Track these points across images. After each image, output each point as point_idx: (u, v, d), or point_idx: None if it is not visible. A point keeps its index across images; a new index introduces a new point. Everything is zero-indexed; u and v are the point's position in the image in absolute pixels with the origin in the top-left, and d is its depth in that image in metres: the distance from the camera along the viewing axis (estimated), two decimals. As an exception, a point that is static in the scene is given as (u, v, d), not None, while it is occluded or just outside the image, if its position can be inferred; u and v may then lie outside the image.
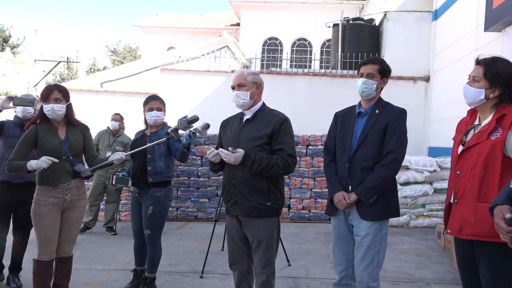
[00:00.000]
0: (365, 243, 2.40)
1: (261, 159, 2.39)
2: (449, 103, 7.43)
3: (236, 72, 2.63)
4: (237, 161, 2.37)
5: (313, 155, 6.57)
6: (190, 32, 18.25)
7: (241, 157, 2.37)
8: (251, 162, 2.37)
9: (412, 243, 5.25)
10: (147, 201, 3.28)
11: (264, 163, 2.38)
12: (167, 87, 9.42)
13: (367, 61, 2.55)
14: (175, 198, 6.49)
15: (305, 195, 6.51)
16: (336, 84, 8.98)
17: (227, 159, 2.38)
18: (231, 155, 2.37)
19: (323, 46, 16.87)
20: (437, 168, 6.18)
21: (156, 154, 3.30)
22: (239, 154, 2.37)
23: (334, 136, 2.61)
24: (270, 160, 2.40)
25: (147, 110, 3.38)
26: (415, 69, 8.83)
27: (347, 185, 2.47)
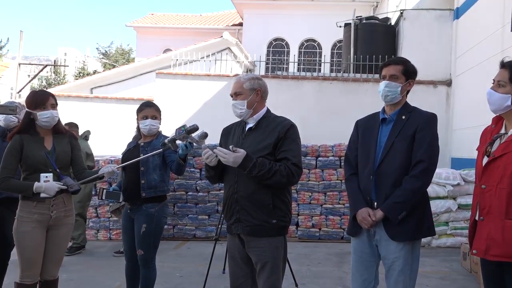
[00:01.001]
0: (397, 267, 2.37)
1: (263, 164, 2.38)
2: (473, 110, 7.42)
3: (234, 78, 2.66)
4: (236, 162, 2.36)
5: (324, 167, 6.56)
6: (188, 33, 18.43)
7: (242, 158, 2.35)
8: (252, 165, 2.36)
9: (435, 265, 5.20)
10: (140, 218, 3.28)
11: (266, 168, 2.37)
12: (163, 93, 9.49)
13: (389, 62, 2.57)
14: (171, 214, 6.49)
15: (314, 211, 6.49)
16: (348, 89, 9.01)
17: (226, 159, 2.37)
18: (230, 155, 2.36)
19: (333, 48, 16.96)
20: (461, 181, 6.15)
21: (150, 166, 3.31)
22: (240, 154, 2.36)
23: (355, 146, 2.61)
24: (273, 166, 2.39)
25: (141, 118, 3.40)
26: (435, 72, 8.85)
27: (372, 201, 2.45)
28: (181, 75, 9.62)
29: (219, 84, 9.39)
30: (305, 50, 17.14)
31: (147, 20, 19.64)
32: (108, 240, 6.52)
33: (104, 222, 6.55)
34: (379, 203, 2.42)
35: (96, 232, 6.66)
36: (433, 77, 8.84)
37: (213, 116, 8.59)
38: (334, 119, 8.60)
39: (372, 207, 2.45)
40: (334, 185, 6.49)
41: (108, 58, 30.15)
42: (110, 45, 31.90)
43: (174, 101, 9.30)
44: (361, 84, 8.99)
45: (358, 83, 9.02)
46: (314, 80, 9.22)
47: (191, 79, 9.56)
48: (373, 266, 2.49)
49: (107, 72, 15.10)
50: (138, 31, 19.29)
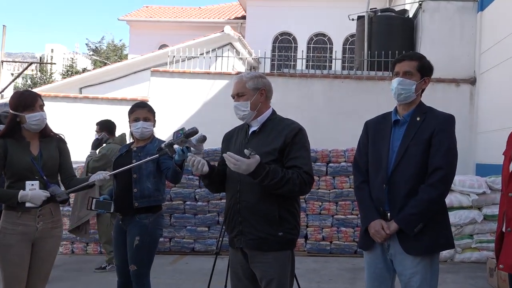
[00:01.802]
0: (414, 283, 2.37)
1: (276, 172, 2.37)
2: (500, 110, 7.39)
3: (235, 78, 2.65)
4: (249, 169, 2.33)
5: (335, 174, 6.56)
6: (186, 27, 18.53)
7: (255, 165, 2.33)
8: (265, 173, 2.34)
9: (458, 283, 5.17)
10: (133, 230, 3.28)
11: (279, 177, 2.36)
12: (159, 93, 9.53)
13: (404, 57, 2.57)
14: (168, 226, 6.50)
15: (325, 222, 6.48)
16: (362, 88, 9.01)
17: (237, 167, 2.33)
18: (243, 162, 2.32)
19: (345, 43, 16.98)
20: (487, 189, 6.12)
21: (143, 173, 3.32)
22: (254, 161, 2.33)
23: (365, 150, 2.61)
24: (285, 174, 2.39)
25: (133, 121, 3.42)
26: (457, 69, 8.83)
27: (385, 212, 2.45)
28: (178, 73, 9.66)
29: (220, 83, 9.42)
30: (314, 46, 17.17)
31: (141, 13, 19.77)
32: (99, 254, 6.54)
33: (94, 234, 6.57)
34: (393, 214, 2.42)
35: (86, 245, 6.67)
36: (455, 74, 8.82)
37: (213, 118, 8.60)
38: (346, 121, 8.59)
39: (386, 218, 2.44)
40: (347, 193, 6.48)
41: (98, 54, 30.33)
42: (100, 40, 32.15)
43: (171, 102, 9.34)
44: (376, 83, 8.99)
45: (373, 82, 9.02)
46: (324, 78, 9.22)
47: (189, 77, 9.60)
48: (388, 282, 2.49)
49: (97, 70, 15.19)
50: (131, 25, 19.41)
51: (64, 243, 6.57)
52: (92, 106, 9.96)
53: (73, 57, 31.92)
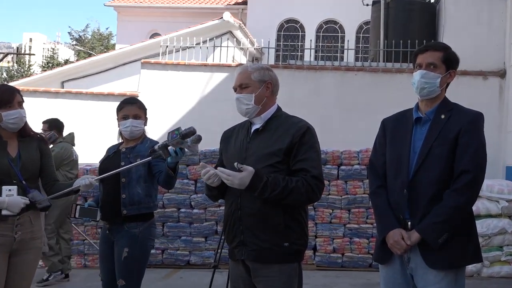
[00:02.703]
0: None
1: (276, 182, 2.38)
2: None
3: (239, 68, 2.66)
4: (243, 183, 2.35)
5: (347, 178, 6.55)
6: (181, 13, 18.55)
7: (250, 178, 2.35)
8: (262, 186, 2.35)
9: (485, 300, 5.16)
10: (121, 240, 3.29)
11: (280, 187, 2.37)
12: (150, 87, 9.54)
13: (427, 47, 2.57)
14: (160, 236, 6.51)
15: (336, 232, 6.48)
16: (377, 82, 9.00)
17: (230, 182, 2.38)
18: (235, 176, 2.36)
19: (359, 31, 16.98)
20: (518, 195, 6.11)
21: (133, 177, 3.33)
22: (247, 174, 2.36)
23: (382, 151, 2.62)
24: (288, 183, 2.39)
25: (121, 118, 3.43)
26: (485, 61, 8.81)
27: (406, 220, 2.46)
28: (172, 65, 9.67)
29: (218, 76, 9.43)
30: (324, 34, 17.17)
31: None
32: (83, 267, 6.55)
33: (78, 245, 6.59)
34: (414, 223, 2.43)
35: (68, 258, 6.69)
36: (482, 67, 8.80)
37: (211, 115, 8.62)
38: (360, 119, 8.59)
39: (406, 227, 2.44)
40: (361, 200, 6.48)
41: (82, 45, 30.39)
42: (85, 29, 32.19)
43: (164, 97, 9.35)
44: (393, 76, 8.98)
45: (390, 75, 9.01)
46: (336, 70, 9.22)
47: (184, 70, 9.60)
48: None
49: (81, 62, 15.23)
50: (119, 11, 19.45)
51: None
52: (75, 102, 9.98)
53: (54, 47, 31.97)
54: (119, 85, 12.22)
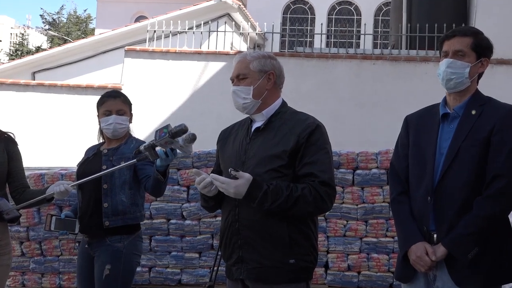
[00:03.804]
0: None
1: (278, 191, 2.38)
2: None
3: (237, 57, 2.67)
4: (240, 192, 2.36)
5: (364, 183, 6.54)
6: (171, -7, 18.56)
7: (246, 186, 2.35)
8: (262, 195, 2.35)
9: (525, 326, 5.15)
10: (103, 256, 3.30)
11: (283, 196, 2.37)
12: (135, 78, 9.56)
13: (454, 33, 2.58)
14: (146, 252, 6.51)
15: (351, 247, 6.46)
16: (399, 72, 9.01)
17: (225, 190, 2.38)
18: (229, 184, 2.36)
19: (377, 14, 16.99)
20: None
21: (116, 183, 3.33)
22: (243, 182, 2.35)
23: (405, 153, 2.63)
24: (293, 192, 2.39)
25: (103, 115, 3.44)
26: (524, 47, 8.81)
27: (431, 232, 2.47)
28: (160, 52, 9.69)
29: (214, 66, 9.45)
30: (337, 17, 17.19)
31: (112, -25, 19.82)
32: (57, 287, 6.56)
33: (51, 262, 6.58)
34: (440, 235, 2.43)
35: (40, 276, 6.70)
36: (521, 54, 8.81)
37: (206, 111, 8.63)
38: (379, 116, 8.60)
39: (431, 241, 2.45)
40: (380, 209, 6.46)
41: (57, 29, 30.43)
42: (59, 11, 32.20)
43: (151, 90, 9.37)
44: (417, 65, 8.98)
45: (414, 64, 9.02)
46: (351, 59, 9.23)
47: (174, 58, 9.62)
48: None
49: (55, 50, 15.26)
50: (99, -10, 19.48)
51: (12, 274, 6.60)
52: (48, 96, 10.01)
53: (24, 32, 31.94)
54: (99, 76, 12.25)
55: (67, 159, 7.57)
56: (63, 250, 6.52)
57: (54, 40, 29.09)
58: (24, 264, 6.28)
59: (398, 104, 8.43)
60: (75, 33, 29.31)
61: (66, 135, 9.08)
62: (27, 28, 33.64)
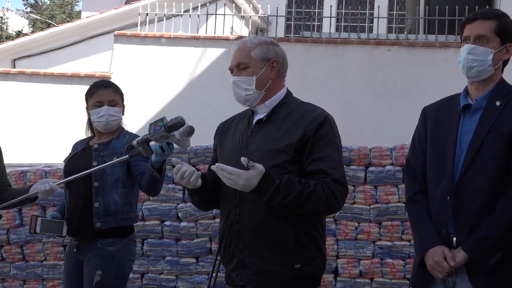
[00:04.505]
0: None
1: (290, 186, 2.37)
2: None
3: (236, 43, 2.68)
4: (249, 185, 2.33)
5: (378, 181, 6.55)
6: (165, -29, 18.52)
7: (259, 178, 2.33)
8: (274, 189, 2.34)
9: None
10: (93, 260, 3.31)
11: (295, 192, 2.36)
12: (126, 66, 9.55)
13: (476, 16, 2.58)
14: (139, 256, 6.53)
15: (364, 251, 6.47)
16: (416, 59, 8.99)
17: (233, 182, 2.35)
18: (240, 176, 2.32)
19: (393, -6, 16.93)
20: None
21: (108, 180, 3.35)
22: (255, 173, 2.32)
23: (423, 148, 2.63)
24: (305, 187, 2.38)
25: (93, 106, 3.45)
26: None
27: (450, 235, 2.47)
28: (153, 38, 9.68)
29: (213, 53, 9.44)
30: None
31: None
32: (41, 295, 6.58)
33: (34, 268, 6.61)
34: (460, 238, 2.44)
35: (22, 283, 6.72)
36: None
37: (204, 101, 8.63)
38: (394, 107, 8.60)
39: (450, 244, 2.46)
40: (394, 210, 6.47)
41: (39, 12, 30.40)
42: (42, -8, 32.16)
43: (143, 79, 9.36)
44: (436, 52, 8.97)
45: (432, 50, 9.00)
46: (363, 45, 9.22)
47: (169, 44, 9.61)
48: None
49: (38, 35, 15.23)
50: (86, -31, 19.45)
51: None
52: (30, 86, 10.00)
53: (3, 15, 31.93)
54: (86, 64, 12.24)
55: (51, 155, 7.58)
56: (47, 255, 6.54)
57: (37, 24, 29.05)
58: (4, 270, 6.31)
59: (415, 94, 8.42)
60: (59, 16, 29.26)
61: (50, 128, 9.09)
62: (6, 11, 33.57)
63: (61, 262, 6.09)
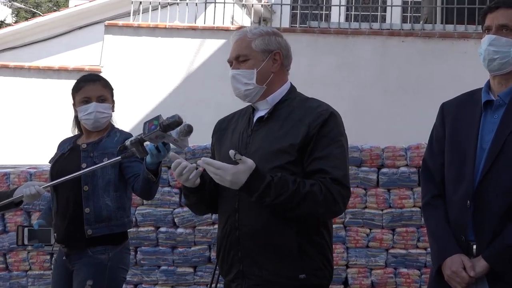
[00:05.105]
0: None
1: (284, 184, 2.36)
2: None
3: (235, 34, 2.69)
4: (237, 181, 2.32)
5: (391, 184, 6.55)
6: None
7: (247, 174, 2.32)
8: (264, 187, 2.33)
9: None
10: (84, 270, 3.32)
11: (289, 191, 2.35)
12: (117, 59, 9.55)
13: (498, 4, 2.58)
14: (133, 265, 6.55)
15: (376, 260, 6.48)
16: (433, 51, 8.98)
17: (220, 178, 2.34)
18: (226, 170, 2.32)
19: (408, -19, 16.92)
20: None
21: (99, 183, 3.35)
22: (244, 168, 2.32)
23: (441, 148, 2.64)
24: (300, 187, 2.37)
25: (80, 102, 3.45)
26: None
27: (469, 242, 2.48)
28: (147, 28, 9.67)
29: (212, 44, 9.43)
30: (359, -15, 17.12)
31: None
32: (26, 308, 6.60)
33: (18, 278, 6.63)
34: (480, 246, 2.44)
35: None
36: None
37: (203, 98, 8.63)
38: (409, 103, 8.59)
39: (470, 253, 2.47)
40: (409, 215, 6.47)
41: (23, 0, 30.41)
42: (27, -22, 32.19)
43: (136, 73, 9.36)
44: (455, 43, 8.95)
45: (450, 41, 8.99)
46: (375, 36, 9.21)
47: (164, 35, 9.60)
48: None
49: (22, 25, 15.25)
50: (74, -46, 19.47)
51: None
52: (14, 80, 10.01)
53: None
54: (74, 57, 12.23)
55: (37, 156, 7.59)
56: (32, 264, 6.55)
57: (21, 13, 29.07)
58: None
59: (432, 89, 8.41)
60: (45, 5, 29.28)
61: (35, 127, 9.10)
62: (-13, -1, 33.63)
63: (48, 272, 6.11)
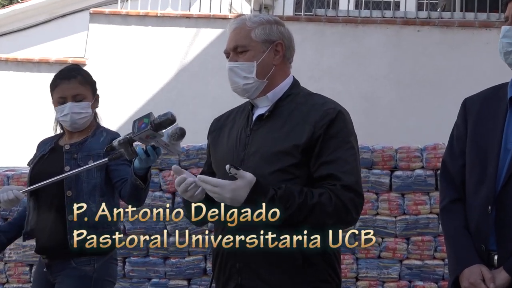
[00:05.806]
0: None
1: (289, 197, 2.35)
2: None
3: (233, 23, 2.68)
4: (237, 198, 2.30)
5: (405, 188, 6.56)
6: None
7: (247, 190, 2.31)
8: (268, 202, 2.30)
9: None
10: (67, 282, 3.33)
11: (296, 204, 2.34)
12: (104, 50, 9.55)
13: None
14: (120, 277, 6.56)
15: (388, 272, 6.49)
16: (451, 41, 8.98)
17: (218, 196, 2.33)
18: (224, 187, 2.31)
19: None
20: None
21: (83, 188, 3.36)
22: (243, 183, 2.30)
23: (462, 148, 2.63)
24: (308, 199, 2.36)
25: (56, 102, 3.47)
26: None
27: (490, 252, 2.48)
28: (137, 16, 9.68)
29: (208, 34, 9.44)
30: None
31: None
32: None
33: None
34: (502, 256, 2.44)
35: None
36: None
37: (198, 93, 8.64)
38: (425, 99, 8.60)
39: (490, 263, 2.47)
40: (426, 222, 6.48)
41: (1, -15, 30.46)
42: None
43: (124, 66, 9.36)
44: (475, 33, 8.96)
45: (471, 31, 8.99)
46: (388, 25, 9.22)
47: (155, 24, 9.61)
48: None
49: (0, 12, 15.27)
50: None
51: None
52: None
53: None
54: (56, 48, 12.23)
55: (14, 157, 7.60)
56: (9, 276, 6.56)
57: (-3, 0, 29.11)
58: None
59: (450, 83, 8.42)
60: (24, -9, 29.31)
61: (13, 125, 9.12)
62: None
63: (27, 286, 6.12)
